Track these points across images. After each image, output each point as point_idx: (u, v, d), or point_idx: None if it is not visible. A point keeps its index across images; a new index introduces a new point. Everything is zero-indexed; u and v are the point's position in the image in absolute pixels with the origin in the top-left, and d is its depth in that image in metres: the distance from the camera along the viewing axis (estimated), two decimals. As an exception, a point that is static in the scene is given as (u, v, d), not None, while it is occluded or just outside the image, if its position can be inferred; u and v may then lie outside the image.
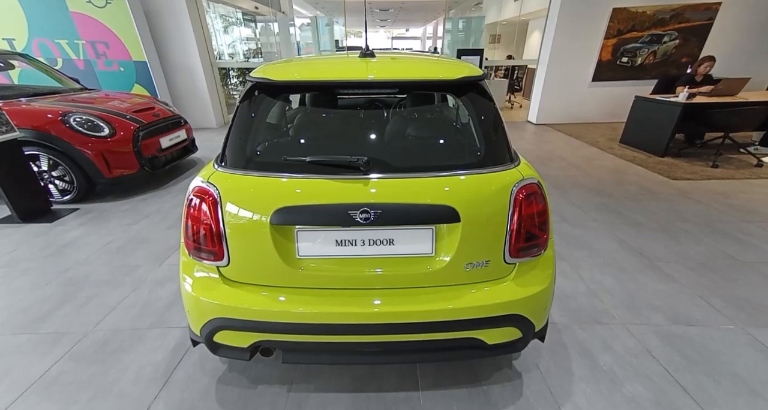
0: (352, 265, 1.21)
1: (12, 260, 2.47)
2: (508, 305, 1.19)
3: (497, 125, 1.30)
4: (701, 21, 6.09)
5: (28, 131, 3.01)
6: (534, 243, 1.22)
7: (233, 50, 10.67)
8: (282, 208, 1.13)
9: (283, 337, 1.22)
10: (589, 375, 1.56)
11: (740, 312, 1.93)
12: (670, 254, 2.49)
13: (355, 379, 1.55)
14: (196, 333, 1.27)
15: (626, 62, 6.40)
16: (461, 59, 2.51)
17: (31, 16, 5.12)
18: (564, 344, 1.73)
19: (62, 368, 1.61)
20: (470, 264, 1.20)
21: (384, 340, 1.23)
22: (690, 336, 1.77)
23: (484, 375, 1.56)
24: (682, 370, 1.58)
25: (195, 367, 1.61)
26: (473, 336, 1.22)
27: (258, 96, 1.33)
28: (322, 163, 1.17)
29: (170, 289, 2.15)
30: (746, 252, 2.49)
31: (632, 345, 1.72)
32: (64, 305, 2.02)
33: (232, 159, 1.25)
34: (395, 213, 1.12)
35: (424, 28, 26.13)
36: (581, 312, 1.94)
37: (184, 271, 1.29)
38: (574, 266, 2.36)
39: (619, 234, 2.77)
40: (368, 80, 1.29)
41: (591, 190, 3.68)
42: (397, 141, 1.37)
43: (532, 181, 1.20)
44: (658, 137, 4.65)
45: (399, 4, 14.24)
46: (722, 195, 3.48)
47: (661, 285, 2.16)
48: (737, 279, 2.21)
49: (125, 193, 3.62)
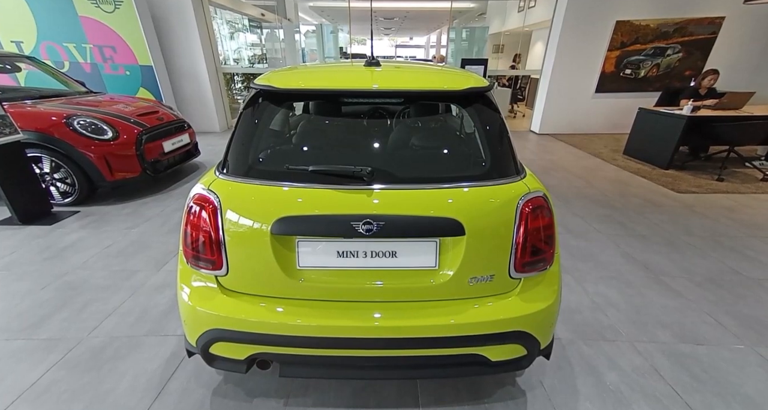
0: (354, 277, 1.18)
1: (10, 262, 2.45)
2: (513, 321, 1.16)
3: (503, 137, 1.28)
4: (705, 35, 6.12)
5: (31, 133, 3.01)
6: (540, 258, 1.19)
7: (238, 56, 10.78)
8: (283, 218, 1.10)
9: (281, 350, 1.18)
10: (594, 394, 1.51)
11: (749, 331, 1.89)
12: (676, 268, 2.45)
13: (355, 394, 1.50)
14: (192, 344, 1.24)
15: (629, 74, 6.42)
16: (465, 68, 2.50)
17: (40, 19, 5.18)
18: (569, 360, 1.68)
19: (56, 376, 1.57)
20: (474, 279, 1.17)
21: (384, 355, 1.20)
22: (698, 355, 1.73)
23: (486, 392, 1.51)
24: (691, 391, 1.53)
25: (190, 378, 1.57)
26: (476, 353, 1.19)
27: (262, 103, 1.32)
28: (324, 173, 1.15)
29: (168, 296, 2.12)
30: (754, 269, 2.45)
31: (639, 364, 1.67)
32: (61, 310, 1.99)
33: (233, 166, 1.24)
34: (398, 225, 1.10)
35: (428, 37, 26.41)
36: (586, 327, 1.90)
37: (182, 280, 1.26)
38: (579, 279, 2.32)
39: (623, 246, 2.73)
40: (373, 90, 1.28)
41: (595, 201, 3.65)
42: (401, 151, 1.36)
43: (538, 194, 1.18)
44: (662, 149, 4.64)
45: (403, 13, 14.41)
46: (728, 209, 3.45)
47: (667, 301, 2.12)
48: (745, 296, 2.17)
49: (126, 196, 3.61)
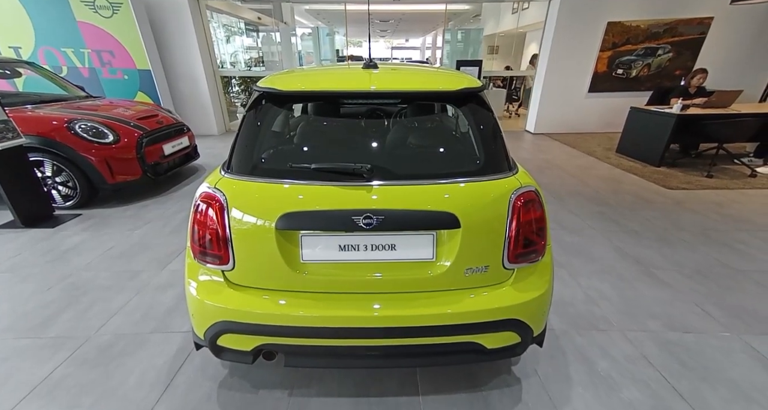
0: (355, 270, 1.24)
1: (15, 265, 2.48)
2: (507, 310, 1.22)
3: (496, 135, 1.35)
4: (694, 35, 6.24)
5: (33, 137, 3.05)
6: (532, 250, 1.26)
7: (235, 59, 10.83)
8: (287, 214, 1.16)
9: (285, 341, 1.24)
10: (587, 381, 1.57)
11: (736, 319, 1.96)
12: (666, 262, 2.53)
13: (357, 384, 1.56)
14: (200, 337, 1.29)
15: (621, 74, 6.53)
16: (460, 70, 2.57)
17: (39, 24, 5.22)
18: (562, 350, 1.75)
19: (65, 372, 1.62)
20: (470, 270, 1.23)
21: (385, 344, 1.25)
22: (686, 343, 1.80)
23: (483, 380, 1.57)
24: (679, 377, 1.60)
25: (196, 372, 1.62)
26: (473, 341, 1.25)
27: (264, 105, 1.38)
28: (326, 170, 1.21)
29: (172, 295, 2.16)
30: (741, 261, 2.53)
31: (630, 352, 1.74)
32: (67, 310, 2.03)
33: (238, 165, 1.29)
34: (397, 219, 1.16)
35: (424, 39, 26.56)
36: (579, 319, 1.96)
37: (189, 275, 1.31)
38: (572, 273, 2.39)
39: (616, 242, 2.81)
40: (371, 91, 1.35)
41: (588, 198, 3.73)
42: (398, 149, 1.42)
43: (529, 189, 1.24)
44: (654, 147, 4.73)
45: (399, 15, 14.51)
46: (717, 204, 3.53)
47: (658, 293, 2.19)
48: (733, 287, 2.24)
49: (127, 199, 3.64)
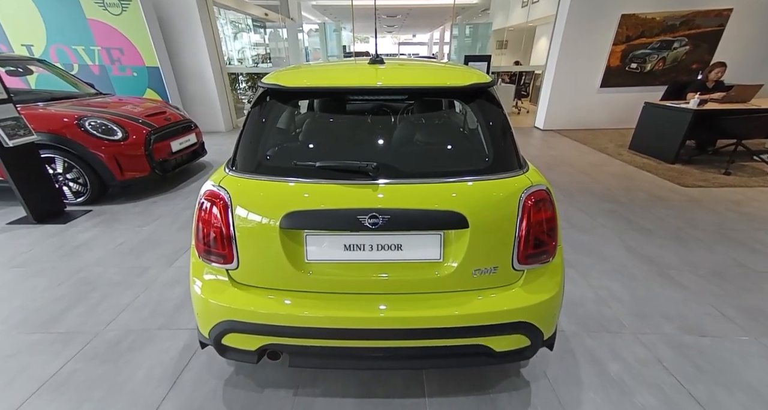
0: (360, 270, 1.22)
1: (27, 260, 2.53)
2: (516, 312, 1.19)
3: (506, 131, 1.31)
4: (712, 27, 6.04)
5: (44, 135, 3.09)
6: (542, 250, 1.22)
7: (242, 56, 10.85)
8: (292, 212, 1.14)
9: (290, 341, 1.22)
10: (598, 384, 1.54)
11: (754, 322, 1.89)
12: (681, 262, 2.45)
13: (362, 384, 1.54)
14: (205, 336, 1.29)
15: (635, 68, 6.36)
16: (468, 65, 2.52)
17: (50, 23, 5.28)
18: (572, 352, 1.71)
19: (74, 367, 1.64)
20: (478, 271, 1.20)
21: (390, 346, 1.23)
22: (702, 346, 1.74)
23: (491, 382, 1.54)
24: (694, 381, 1.55)
25: (203, 369, 1.62)
26: (481, 344, 1.22)
27: (269, 102, 1.36)
28: (331, 168, 1.19)
29: (180, 291, 2.18)
30: (760, 262, 2.45)
31: (642, 355, 1.69)
32: (77, 305, 2.06)
33: (243, 163, 1.27)
34: (404, 219, 1.13)
35: (431, 34, 26.29)
36: (590, 320, 1.92)
37: (194, 274, 1.31)
38: (583, 273, 2.34)
39: (628, 240, 2.74)
40: (378, 87, 1.31)
41: (599, 196, 3.65)
42: (405, 146, 1.39)
43: (540, 188, 1.20)
44: (669, 144, 4.60)
45: (406, 10, 14.37)
46: (735, 203, 3.42)
47: (672, 294, 2.13)
48: (751, 289, 2.17)
49: (136, 196, 3.68)
